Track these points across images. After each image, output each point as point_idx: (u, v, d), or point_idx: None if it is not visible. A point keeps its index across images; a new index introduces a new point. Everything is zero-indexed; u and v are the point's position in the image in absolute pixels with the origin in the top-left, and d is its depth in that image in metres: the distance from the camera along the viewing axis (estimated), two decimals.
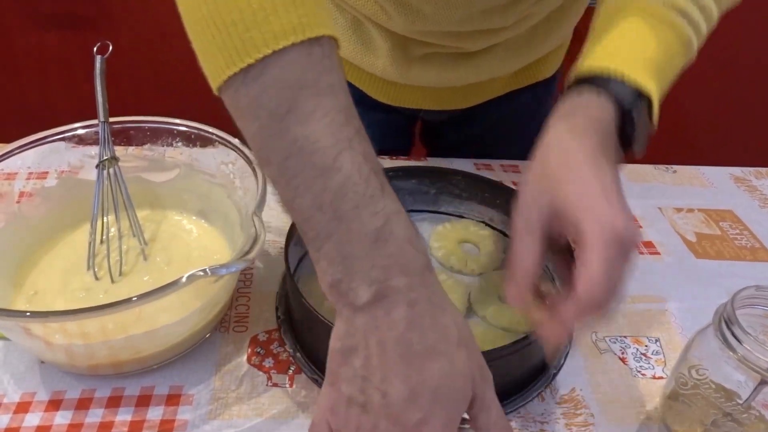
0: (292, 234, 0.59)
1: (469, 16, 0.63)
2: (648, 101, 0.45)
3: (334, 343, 0.39)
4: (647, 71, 0.45)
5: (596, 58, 0.46)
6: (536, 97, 0.86)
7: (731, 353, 0.42)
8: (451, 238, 0.67)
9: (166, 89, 1.58)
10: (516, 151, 0.88)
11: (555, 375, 0.54)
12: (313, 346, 0.54)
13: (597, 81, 0.45)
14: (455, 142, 0.92)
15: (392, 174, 0.69)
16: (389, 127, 0.89)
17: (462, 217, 0.71)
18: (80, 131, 0.61)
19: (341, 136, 0.36)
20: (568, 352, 0.56)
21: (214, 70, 0.38)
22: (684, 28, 0.47)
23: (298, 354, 0.54)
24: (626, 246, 0.40)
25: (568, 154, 0.43)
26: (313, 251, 0.38)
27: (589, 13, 0.56)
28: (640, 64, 0.45)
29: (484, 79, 0.75)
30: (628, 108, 0.44)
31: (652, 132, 0.47)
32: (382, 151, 0.87)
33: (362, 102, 0.83)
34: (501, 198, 0.68)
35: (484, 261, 0.65)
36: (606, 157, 0.42)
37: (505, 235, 0.69)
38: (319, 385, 0.52)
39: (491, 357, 0.48)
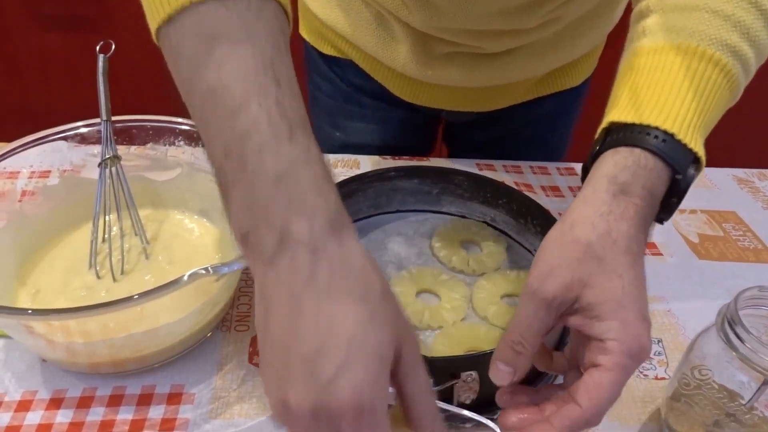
0: None
1: (488, 14, 0.63)
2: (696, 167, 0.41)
3: (256, 307, 0.36)
4: (701, 131, 0.42)
5: (634, 110, 0.42)
6: (563, 104, 0.85)
7: (734, 354, 0.42)
8: (453, 238, 0.67)
9: (167, 89, 1.58)
10: (539, 156, 0.87)
11: (557, 376, 0.54)
12: None
13: (648, 140, 0.40)
14: (478, 144, 0.91)
15: (394, 174, 0.69)
16: (412, 125, 0.89)
17: (464, 217, 0.71)
18: (82, 130, 0.61)
19: (254, 82, 0.35)
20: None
21: (150, 20, 0.38)
22: (734, 70, 0.42)
23: None
24: (639, 364, 0.39)
25: (614, 246, 0.38)
26: (225, 206, 0.36)
27: (626, 20, 0.51)
28: (695, 123, 0.41)
29: (506, 81, 0.75)
30: (680, 178, 0.41)
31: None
32: (404, 149, 0.87)
33: (385, 99, 0.83)
34: (503, 198, 0.67)
35: (485, 261, 0.65)
36: (641, 243, 0.40)
37: (507, 235, 0.69)
38: None
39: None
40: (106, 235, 0.59)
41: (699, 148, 0.41)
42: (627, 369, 0.37)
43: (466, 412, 0.46)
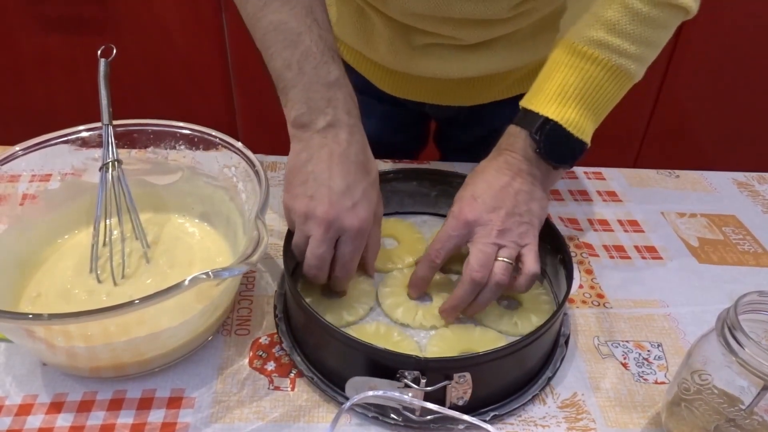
0: (291, 235, 0.59)
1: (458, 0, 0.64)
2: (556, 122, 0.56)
3: (291, 160, 0.54)
4: (552, 100, 0.57)
5: (524, 98, 0.60)
6: None
7: (734, 358, 0.42)
8: None
9: (169, 93, 1.58)
10: None
11: (550, 379, 0.54)
12: (310, 344, 0.54)
13: (517, 118, 0.59)
14: (465, 143, 0.92)
15: (393, 176, 0.69)
16: (398, 120, 0.89)
17: None
18: (84, 134, 0.61)
19: (303, 21, 0.53)
20: (564, 356, 0.56)
21: None
22: (601, 57, 0.56)
23: (295, 354, 0.55)
24: (459, 223, 0.57)
25: (476, 170, 0.60)
26: (283, 98, 0.55)
27: None
28: (546, 96, 0.57)
29: (485, 73, 0.75)
30: (533, 132, 0.57)
31: (578, 144, 0.57)
32: (389, 144, 0.88)
33: (368, 92, 0.84)
34: None
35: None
36: (505, 171, 0.58)
37: None
38: (316, 384, 0.52)
39: (488, 358, 0.49)
40: (107, 239, 0.59)
41: (550, 113, 0.56)
42: (450, 223, 0.57)
43: (458, 414, 0.46)
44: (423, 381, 0.47)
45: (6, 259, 0.56)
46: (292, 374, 0.54)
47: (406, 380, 0.47)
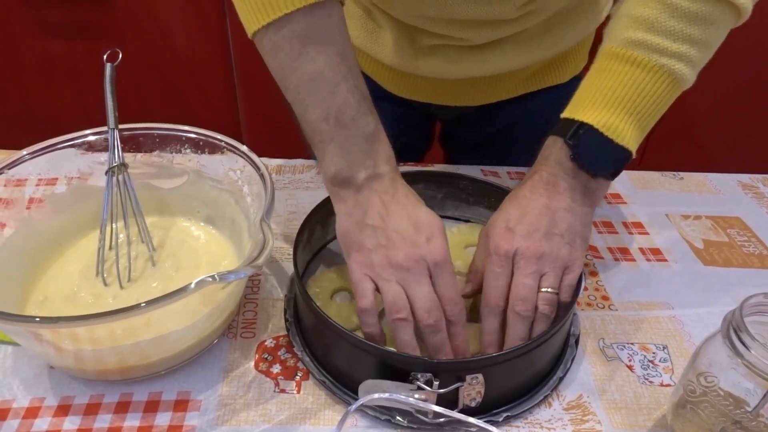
0: (300, 238, 0.59)
1: (464, 1, 0.63)
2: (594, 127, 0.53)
3: (345, 221, 0.53)
4: (588, 105, 0.54)
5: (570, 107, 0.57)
6: (553, 101, 0.85)
7: (739, 360, 0.42)
8: (458, 243, 0.67)
9: (173, 97, 1.59)
10: (530, 155, 0.88)
11: (561, 379, 0.54)
12: (321, 348, 0.54)
13: (555, 129, 0.57)
14: (470, 143, 0.92)
15: None
16: (405, 121, 0.89)
17: (468, 221, 0.71)
18: (90, 138, 0.61)
19: (338, 71, 0.51)
20: (574, 357, 0.56)
21: (248, 23, 0.52)
22: (645, 57, 0.52)
23: (306, 356, 0.55)
24: (497, 255, 0.54)
25: (513, 192, 0.58)
26: (319, 152, 0.53)
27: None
28: (582, 102, 0.55)
29: (491, 73, 0.75)
30: (567, 138, 0.54)
31: (618, 150, 0.54)
32: (396, 145, 0.88)
33: (374, 93, 0.83)
34: None
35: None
36: (539, 190, 0.55)
37: None
38: (327, 387, 0.52)
39: (501, 359, 0.49)
40: (114, 243, 0.59)
41: (585, 117, 0.54)
42: (488, 261, 0.54)
43: (464, 417, 0.47)
44: (436, 383, 0.47)
45: (13, 262, 0.56)
46: (298, 377, 0.54)
47: (418, 382, 0.47)
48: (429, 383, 0.47)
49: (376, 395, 0.47)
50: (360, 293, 0.52)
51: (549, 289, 0.53)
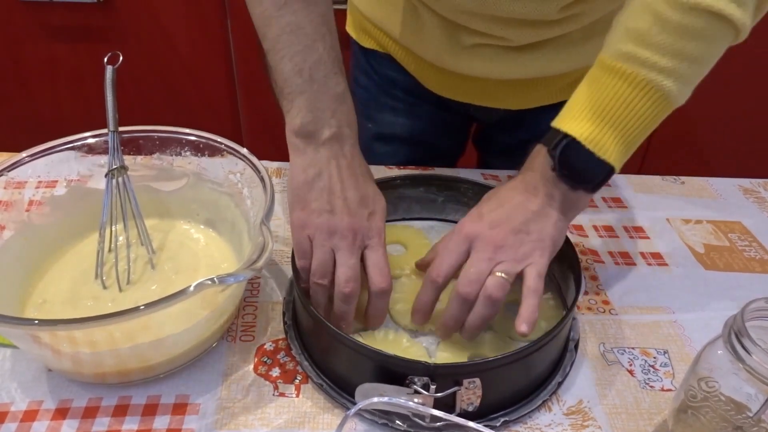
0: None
1: None
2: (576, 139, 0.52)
3: (299, 175, 0.54)
4: (573, 116, 0.53)
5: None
6: None
7: (741, 365, 0.42)
8: None
9: (174, 100, 1.59)
10: None
11: (560, 384, 0.54)
12: (318, 351, 0.54)
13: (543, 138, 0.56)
14: (505, 147, 0.92)
15: (400, 182, 0.69)
16: (441, 122, 0.90)
17: None
18: (90, 140, 0.61)
19: (318, 29, 0.54)
20: (573, 361, 0.56)
21: None
22: (630, 71, 0.51)
23: (304, 360, 0.54)
24: (460, 236, 0.55)
25: (490, 193, 0.59)
26: (287, 104, 0.55)
27: None
28: (569, 113, 0.54)
29: (532, 76, 0.75)
30: (550, 148, 0.54)
31: (600, 164, 0.52)
32: (432, 145, 0.91)
33: (416, 93, 0.85)
34: None
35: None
36: (518, 188, 0.56)
37: None
38: (325, 391, 0.52)
39: (498, 363, 0.48)
40: (113, 245, 0.59)
41: (568, 129, 0.53)
42: (449, 237, 0.56)
43: (463, 421, 0.46)
44: (433, 387, 0.47)
45: (12, 265, 0.56)
46: (297, 380, 0.54)
47: (415, 386, 0.47)
48: (426, 387, 0.47)
49: (375, 399, 0.46)
50: (299, 252, 0.54)
51: (502, 275, 0.51)
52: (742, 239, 0.74)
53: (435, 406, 0.47)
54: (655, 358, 0.58)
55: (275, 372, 0.54)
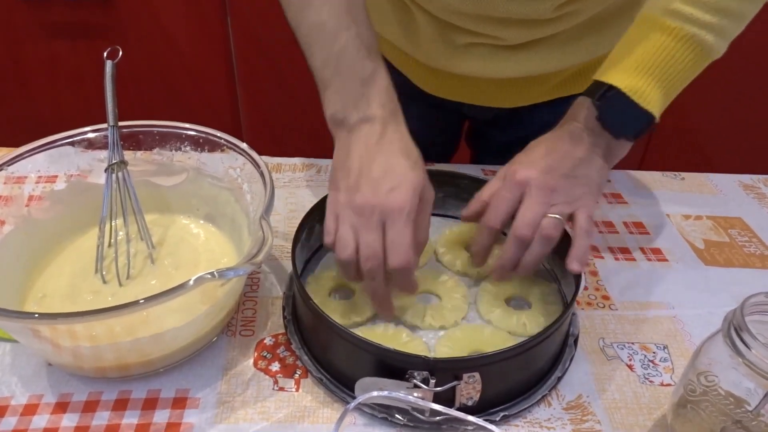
0: (299, 236, 0.59)
1: None
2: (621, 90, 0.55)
3: (334, 161, 0.56)
4: (618, 68, 0.55)
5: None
6: None
7: (740, 360, 0.42)
8: (457, 242, 0.67)
9: (174, 96, 1.59)
10: None
11: (560, 379, 0.54)
12: (318, 345, 0.54)
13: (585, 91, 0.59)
14: (499, 145, 0.92)
15: None
16: (436, 123, 0.90)
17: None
18: (90, 135, 0.61)
19: (341, 21, 0.55)
20: (573, 356, 0.56)
21: None
22: (677, 26, 0.54)
23: (304, 354, 0.55)
24: (509, 182, 0.57)
25: (535, 141, 0.60)
26: (322, 97, 0.57)
27: None
28: (612, 65, 0.56)
29: (526, 74, 0.75)
30: (594, 99, 0.56)
31: (644, 115, 0.55)
32: (425, 145, 0.88)
33: (407, 92, 0.84)
34: None
35: (490, 264, 0.65)
36: (564, 137, 0.58)
37: None
38: (324, 385, 0.53)
39: (497, 358, 0.49)
40: (113, 240, 0.59)
41: (613, 80, 0.55)
42: (503, 185, 0.57)
43: (462, 415, 0.47)
44: (432, 381, 0.47)
45: (12, 260, 0.56)
46: (297, 375, 0.54)
47: (415, 380, 0.47)
48: (425, 381, 0.47)
49: (375, 393, 0.47)
50: (326, 230, 0.55)
51: (556, 216, 0.54)
52: (742, 235, 0.74)
53: (434, 401, 0.47)
54: (654, 353, 0.58)
55: (275, 366, 0.55)
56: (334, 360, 0.53)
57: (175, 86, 1.57)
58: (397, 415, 0.50)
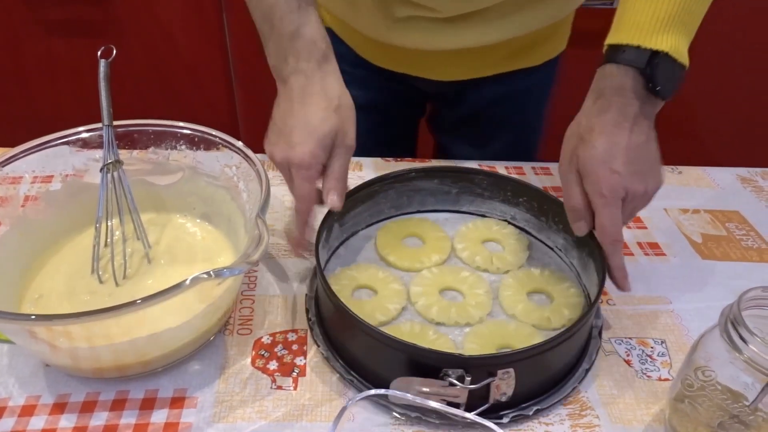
0: (320, 237, 0.59)
1: None
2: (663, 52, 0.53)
3: (272, 116, 0.59)
4: (654, 30, 0.54)
5: (612, 35, 0.56)
6: (527, 87, 0.87)
7: (737, 354, 0.42)
8: (475, 238, 0.68)
9: (171, 94, 1.58)
10: (511, 137, 0.90)
11: (587, 371, 0.54)
12: (347, 347, 0.54)
13: (613, 56, 0.55)
14: (452, 123, 0.93)
15: (414, 175, 0.69)
16: (393, 93, 0.90)
17: (484, 216, 0.71)
18: (84, 135, 0.61)
19: None
20: (599, 347, 0.57)
21: None
22: None
23: (332, 356, 0.54)
24: (613, 197, 0.55)
25: (592, 125, 0.56)
26: (266, 54, 0.60)
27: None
28: (645, 27, 0.54)
29: (463, 47, 0.75)
30: (643, 68, 0.54)
31: (682, 70, 0.54)
32: (389, 114, 0.92)
33: (361, 64, 0.86)
34: (523, 197, 0.68)
35: (509, 259, 0.65)
36: (623, 124, 0.55)
37: (527, 233, 0.69)
38: (355, 386, 0.52)
39: (531, 353, 0.49)
40: (109, 240, 0.59)
41: (658, 45, 0.53)
42: (604, 202, 0.55)
43: (458, 413, 0.47)
44: (468, 379, 0.47)
45: (8, 260, 0.56)
46: (295, 373, 0.54)
47: (450, 378, 0.47)
48: (461, 379, 0.47)
49: (372, 392, 0.47)
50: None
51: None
52: (740, 228, 0.74)
53: (469, 397, 0.47)
54: (652, 348, 0.58)
55: (273, 365, 0.55)
56: (365, 361, 0.53)
57: (172, 83, 1.56)
58: (431, 416, 0.50)
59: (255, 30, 0.60)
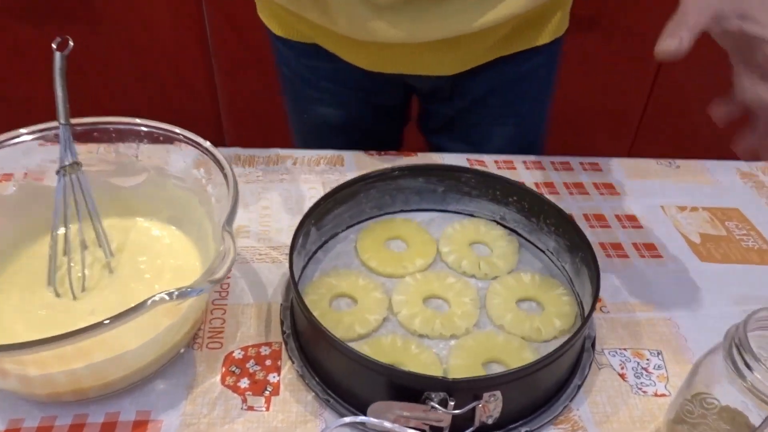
0: (296, 243, 0.55)
1: None
2: None
3: None
4: None
5: None
6: (528, 72, 0.81)
7: (741, 381, 0.39)
8: (461, 240, 0.64)
9: (152, 88, 1.52)
10: (509, 132, 0.85)
11: (579, 387, 0.51)
12: (323, 365, 0.51)
13: None
14: (445, 119, 0.88)
15: (398, 173, 0.65)
16: (372, 108, 0.87)
17: (472, 215, 0.68)
18: (39, 135, 0.56)
19: None
20: (591, 361, 0.54)
21: None
22: None
23: (308, 375, 0.51)
24: None
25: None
26: None
27: None
28: None
29: (454, 33, 0.70)
30: None
31: None
32: (367, 135, 0.89)
33: (339, 79, 0.82)
34: (514, 196, 0.64)
35: (498, 264, 0.61)
36: None
37: (518, 234, 0.65)
38: (332, 407, 0.49)
39: (518, 375, 0.46)
40: (67, 249, 0.55)
41: None
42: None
43: None
44: (451, 403, 0.44)
45: None
46: (268, 392, 0.50)
47: (432, 402, 0.44)
48: (443, 403, 0.44)
49: (347, 419, 0.43)
50: None
51: None
52: (740, 228, 0.71)
53: (453, 420, 0.44)
54: (648, 360, 0.55)
55: (244, 383, 0.51)
56: (342, 381, 0.49)
57: (153, 77, 1.50)
58: None
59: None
